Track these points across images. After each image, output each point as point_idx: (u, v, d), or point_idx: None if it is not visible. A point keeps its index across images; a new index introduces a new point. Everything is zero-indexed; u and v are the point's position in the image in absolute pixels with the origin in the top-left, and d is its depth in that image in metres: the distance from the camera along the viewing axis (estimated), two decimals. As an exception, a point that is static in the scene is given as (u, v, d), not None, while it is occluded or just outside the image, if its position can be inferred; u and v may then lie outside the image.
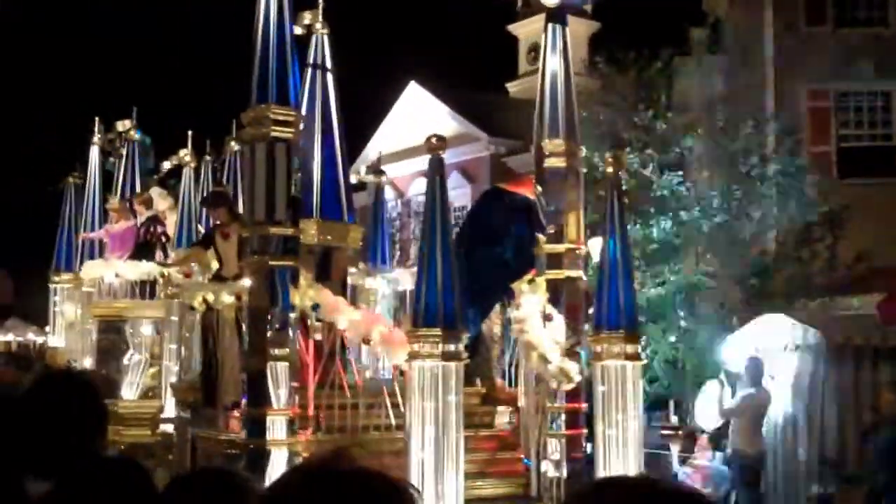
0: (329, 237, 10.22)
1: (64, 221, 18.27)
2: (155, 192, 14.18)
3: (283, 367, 8.29)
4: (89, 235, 14.03)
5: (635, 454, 7.96)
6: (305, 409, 8.52)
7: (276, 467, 8.17)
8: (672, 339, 17.42)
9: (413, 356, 7.51)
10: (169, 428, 10.79)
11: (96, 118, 15.73)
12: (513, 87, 36.02)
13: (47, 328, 18.82)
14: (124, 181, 15.62)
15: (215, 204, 9.86)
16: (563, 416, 8.40)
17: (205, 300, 9.03)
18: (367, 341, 8.49)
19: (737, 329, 14.23)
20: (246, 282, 8.65)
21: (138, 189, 15.17)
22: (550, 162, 9.53)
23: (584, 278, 9.36)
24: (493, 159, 31.80)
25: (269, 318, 8.30)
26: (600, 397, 8.11)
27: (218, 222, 9.76)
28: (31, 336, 20.81)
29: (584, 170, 10.30)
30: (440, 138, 7.66)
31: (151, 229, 13.44)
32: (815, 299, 16.48)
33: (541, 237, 9.21)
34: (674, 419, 17.04)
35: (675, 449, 13.94)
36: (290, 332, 8.37)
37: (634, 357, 8.05)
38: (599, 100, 18.78)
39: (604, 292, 8.10)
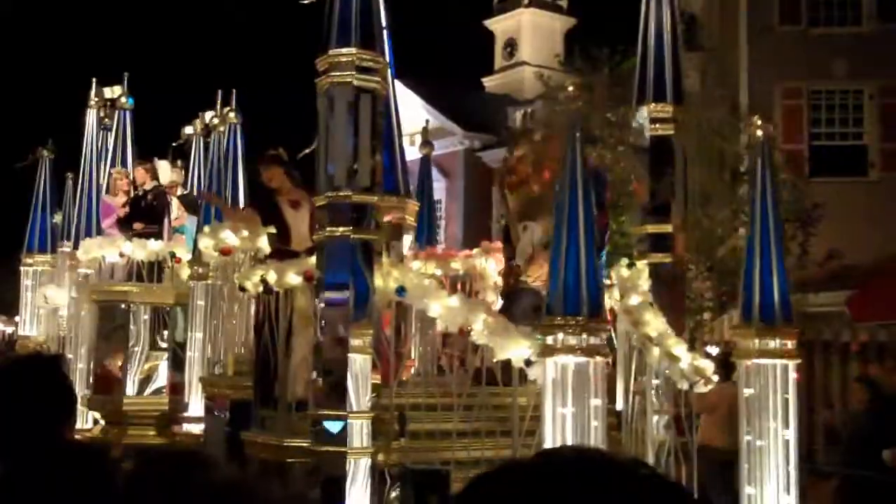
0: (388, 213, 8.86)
1: (38, 198, 16.70)
2: (161, 163, 12.67)
3: (362, 360, 6.95)
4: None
5: (788, 470, 6.74)
6: (386, 409, 7.19)
7: (356, 479, 6.85)
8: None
9: (545, 351, 6.21)
10: (194, 428, 9.35)
11: (93, 80, 14.12)
12: (488, 82, 35.83)
13: (17, 317, 17.19)
14: (114, 153, 14.06)
15: (270, 163, 8.42)
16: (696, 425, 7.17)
17: (263, 280, 7.61)
18: (464, 332, 7.15)
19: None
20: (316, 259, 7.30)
21: (129, 162, 13.65)
22: (656, 129, 8.32)
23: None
24: (467, 154, 31.54)
25: (347, 302, 6.95)
26: (745, 402, 6.88)
27: (273, 187, 8.33)
28: (1, 326, 19.07)
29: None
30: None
31: (155, 201, 11.94)
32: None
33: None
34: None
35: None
36: (372, 320, 7.04)
37: (791, 355, 6.82)
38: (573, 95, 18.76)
39: (753, 277, 6.85)
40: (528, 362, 6.75)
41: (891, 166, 21.94)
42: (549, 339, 6.16)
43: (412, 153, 10.60)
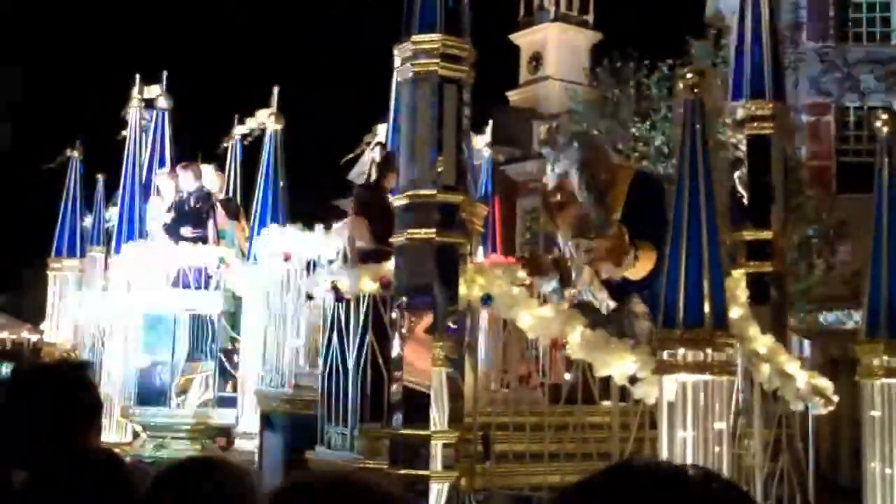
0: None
1: (68, 200, 16.15)
2: (205, 167, 12.09)
3: (444, 375, 6.34)
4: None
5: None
6: (469, 429, 6.57)
7: (437, 505, 6.24)
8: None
9: (663, 368, 5.58)
10: (247, 445, 8.74)
11: (137, 75, 13.55)
12: (513, 96, 35.38)
13: (43, 324, 16.63)
14: (151, 154, 13.51)
15: (389, 167, 7.81)
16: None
17: (334, 287, 7.01)
18: (557, 346, 6.53)
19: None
20: (392, 264, 6.71)
21: (167, 163, 13.09)
22: (754, 128, 7.70)
23: None
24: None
25: (429, 310, 6.36)
26: (870, 425, 6.24)
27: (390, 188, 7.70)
28: (26, 334, 18.49)
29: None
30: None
31: (199, 204, 11.36)
32: (811, 313, 16.71)
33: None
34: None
35: None
36: (458, 331, 6.43)
37: (920, 374, 6.17)
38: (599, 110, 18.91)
39: (880, 286, 6.22)
40: (634, 379, 6.15)
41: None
42: (668, 355, 5.53)
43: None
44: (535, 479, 6.53)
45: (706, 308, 5.46)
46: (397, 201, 6.60)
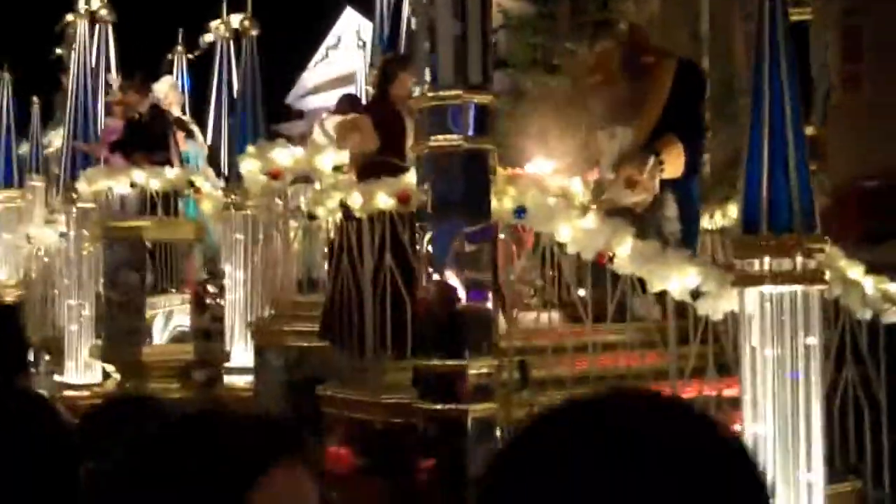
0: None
1: (0, 127, 15.06)
2: (163, 81, 11.10)
3: (480, 297, 5.67)
4: (83, 147, 10.74)
5: None
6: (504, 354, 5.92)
7: (478, 441, 5.61)
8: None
9: (744, 279, 4.94)
10: (239, 381, 7.99)
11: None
12: None
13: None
14: (95, 71, 12.40)
15: (401, 68, 6.94)
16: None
17: (343, 205, 6.24)
18: (602, 260, 5.85)
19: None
20: (413, 177, 5.96)
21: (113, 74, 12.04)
22: (790, 14, 7.02)
23: None
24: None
25: (459, 226, 5.64)
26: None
27: (401, 95, 6.84)
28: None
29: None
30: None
31: (154, 122, 10.40)
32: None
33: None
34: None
35: None
36: (489, 250, 5.74)
37: None
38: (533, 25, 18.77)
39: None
40: (696, 293, 5.52)
41: (849, 88, 21.38)
42: (752, 264, 4.89)
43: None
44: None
45: (795, 210, 4.83)
46: (418, 104, 5.83)
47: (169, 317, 9.82)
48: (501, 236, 6.25)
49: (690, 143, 7.01)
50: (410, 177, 6.02)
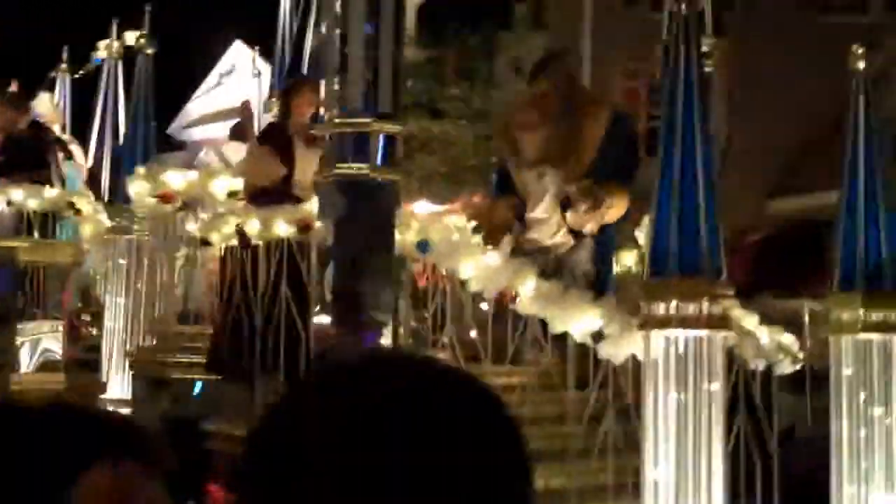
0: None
1: None
2: (43, 97, 10.65)
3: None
4: None
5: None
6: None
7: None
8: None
9: (650, 322, 4.92)
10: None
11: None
12: None
13: None
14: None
15: (304, 89, 6.68)
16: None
17: (239, 231, 6.01)
18: (505, 301, 5.76)
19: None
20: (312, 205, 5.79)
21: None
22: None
23: None
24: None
25: (364, 260, 5.50)
26: (838, 383, 5.79)
27: (304, 119, 6.59)
28: None
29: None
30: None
31: (36, 141, 9.94)
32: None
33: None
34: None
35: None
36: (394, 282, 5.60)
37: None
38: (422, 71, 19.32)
39: (856, 232, 5.74)
40: (598, 336, 5.48)
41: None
42: (657, 308, 4.87)
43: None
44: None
45: (703, 255, 4.83)
46: (323, 130, 5.68)
47: (36, 344, 9.33)
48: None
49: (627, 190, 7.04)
50: (311, 205, 5.84)
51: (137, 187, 7.17)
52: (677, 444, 4.80)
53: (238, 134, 8.29)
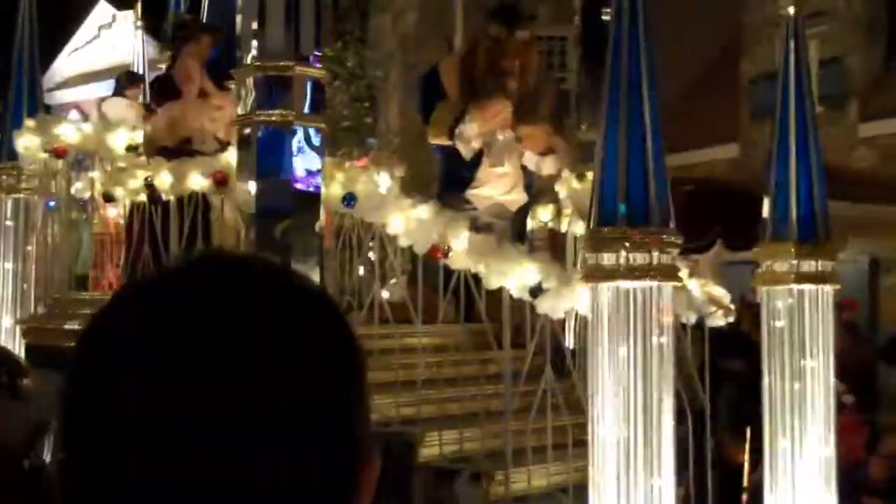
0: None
1: None
2: None
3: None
4: None
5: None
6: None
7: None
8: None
9: (595, 274, 4.72)
10: None
11: None
12: None
13: None
14: None
15: (195, 33, 6.21)
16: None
17: (148, 185, 5.56)
18: (437, 254, 5.49)
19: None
20: (234, 155, 5.40)
21: None
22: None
23: None
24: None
25: (286, 211, 5.16)
26: (771, 335, 5.73)
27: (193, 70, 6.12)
28: None
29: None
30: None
31: None
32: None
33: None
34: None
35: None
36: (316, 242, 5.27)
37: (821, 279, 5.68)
38: None
39: (788, 182, 5.65)
40: (536, 291, 5.27)
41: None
42: (605, 259, 4.67)
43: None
44: (407, 410, 5.54)
45: (652, 203, 4.65)
46: (241, 74, 5.28)
47: None
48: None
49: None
50: (229, 155, 5.45)
51: (26, 142, 6.61)
52: (626, 400, 4.63)
53: (122, 86, 7.81)
